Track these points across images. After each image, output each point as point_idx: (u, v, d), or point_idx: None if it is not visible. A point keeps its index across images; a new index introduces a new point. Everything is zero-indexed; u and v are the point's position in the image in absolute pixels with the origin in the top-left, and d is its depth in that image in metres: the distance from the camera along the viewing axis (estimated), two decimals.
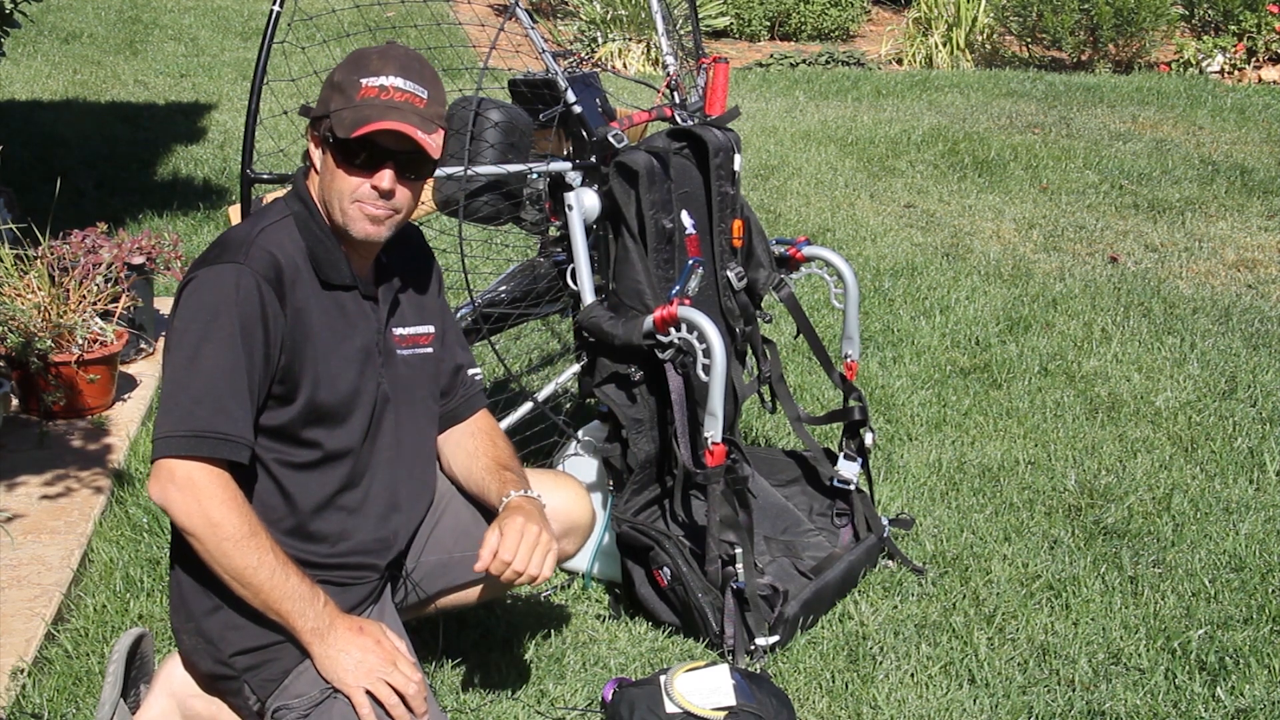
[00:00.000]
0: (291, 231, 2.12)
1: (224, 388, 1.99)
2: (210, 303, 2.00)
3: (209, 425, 1.97)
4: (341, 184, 2.09)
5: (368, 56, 2.09)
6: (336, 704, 2.08)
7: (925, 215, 6.21)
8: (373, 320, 2.20)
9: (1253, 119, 8.28)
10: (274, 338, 2.03)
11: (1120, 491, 3.48)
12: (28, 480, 3.28)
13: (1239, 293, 5.15)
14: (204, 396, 1.98)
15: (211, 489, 1.97)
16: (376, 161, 2.07)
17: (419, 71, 2.10)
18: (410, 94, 2.06)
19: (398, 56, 2.09)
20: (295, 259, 2.10)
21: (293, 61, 2.83)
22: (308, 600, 2.02)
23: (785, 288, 3.17)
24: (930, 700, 2.60)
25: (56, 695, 2.52)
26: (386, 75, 2.05)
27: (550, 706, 2.56)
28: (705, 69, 3.25)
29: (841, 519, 3.13)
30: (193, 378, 1.99)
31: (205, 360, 1.98)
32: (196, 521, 1.97)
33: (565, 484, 2.56)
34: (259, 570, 1.98)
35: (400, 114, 2.04)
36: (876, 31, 11.56)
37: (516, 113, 2.94)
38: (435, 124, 2.09)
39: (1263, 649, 2.77)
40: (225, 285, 2.00)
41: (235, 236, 2.10)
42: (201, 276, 2.03)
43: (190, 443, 1.97)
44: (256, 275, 2.01)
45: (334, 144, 2.06)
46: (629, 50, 9.93)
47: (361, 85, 2.05)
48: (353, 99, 2.04)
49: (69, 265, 3.70)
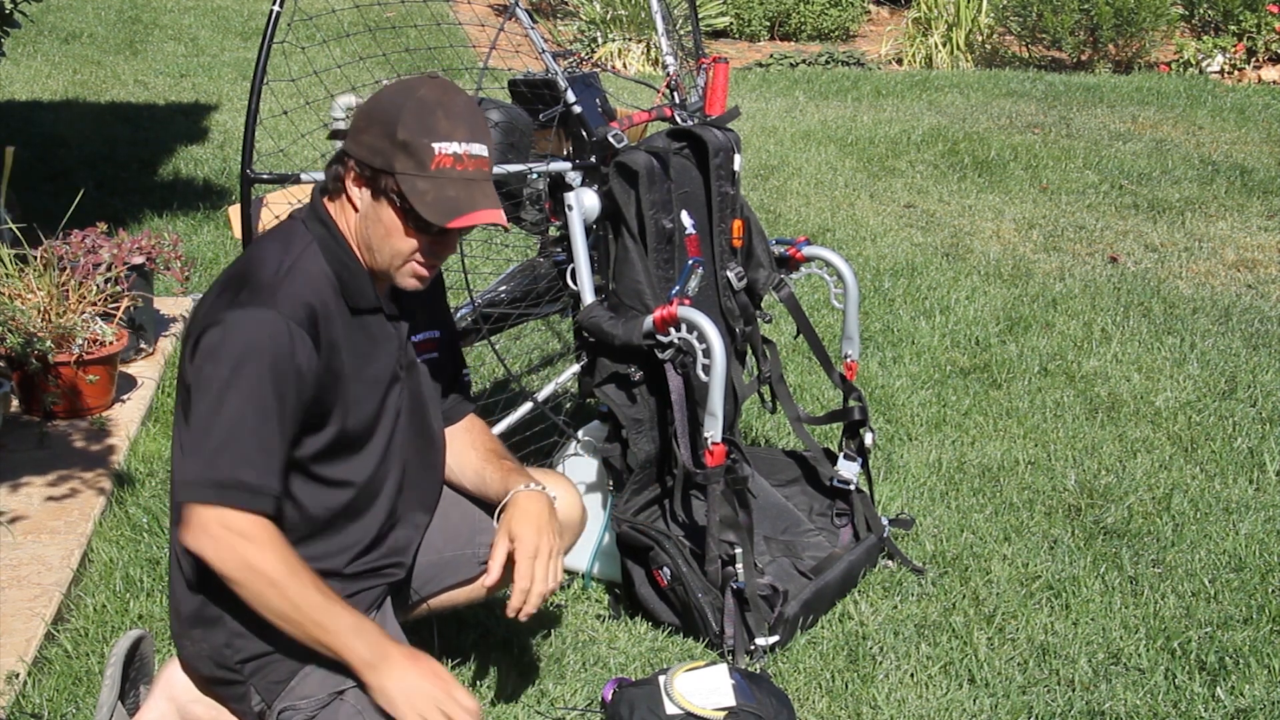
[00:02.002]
0: (319, 261, 2.06)
1: (250, 438, 1.95)
2: (238, 352, 1.94)
3: (233, 475, 1.94)
4: (400, 244, 2.05)
5: (433, 112, 2.00)
6: (343, 706, 2.08)
7: (925, 215, 6.21)
8: (395, 339, 2.19)
9: (1253, 119, 8.28)
10: (306, 382, 2.00)
11: (1120, 491, 3.48)
12: (28, 481, 3.28)
13: (1239, 293, 5.15)
14: (228, 445, 1.94)
15: (246, 534, 1.95)
16: (449, 235, 2.06)
17: (481, 125, 2.06)
18: (481, 159, 2.03)
19: (463, 113, 2.03)
20: (325, 292, 2.05)
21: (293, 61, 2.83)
22: (357, 633, 2.00)
23: (785, 288, 3.17)
24: (930, 700, 2.60)
25: (56, 695, 2.52)
26: (459, 141, 2.01)
27: (550, 706, 2.56)
28: (705, 69, 3.25)
29: (841, 519, 3.13)
30: (217, 425, 1.94)
31: (230, 408, 1.93)
32: (233, 567, 1.95)
33: (555, 482, 2.55)
34: (303, 609, 1.97)
35: (485, 197, 2.03)
36: (876, 31, 11.56)
37: (516, 113, 2.95)
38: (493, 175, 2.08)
39: (1263, 649, 2.77)
40: (254, 333, 1.95)
41: (262, 275, 2.01)
42: (229, 322, 1.96)
43: (215, 492, 1.94)
44: (289, 321, 1.96)
45: (405, 211, 2.01)
46: (629, 50, 9.93)
47: (435, 152, 1.99)
48: (426, 167, 1.99)
49: (69, 265, 3.70)
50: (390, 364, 2.17)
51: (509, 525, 2.21)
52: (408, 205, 2.00)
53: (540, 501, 2.25)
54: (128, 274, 3.84)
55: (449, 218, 2.00)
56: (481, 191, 2.03)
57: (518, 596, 2.17)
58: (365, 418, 2.13)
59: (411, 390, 2.24)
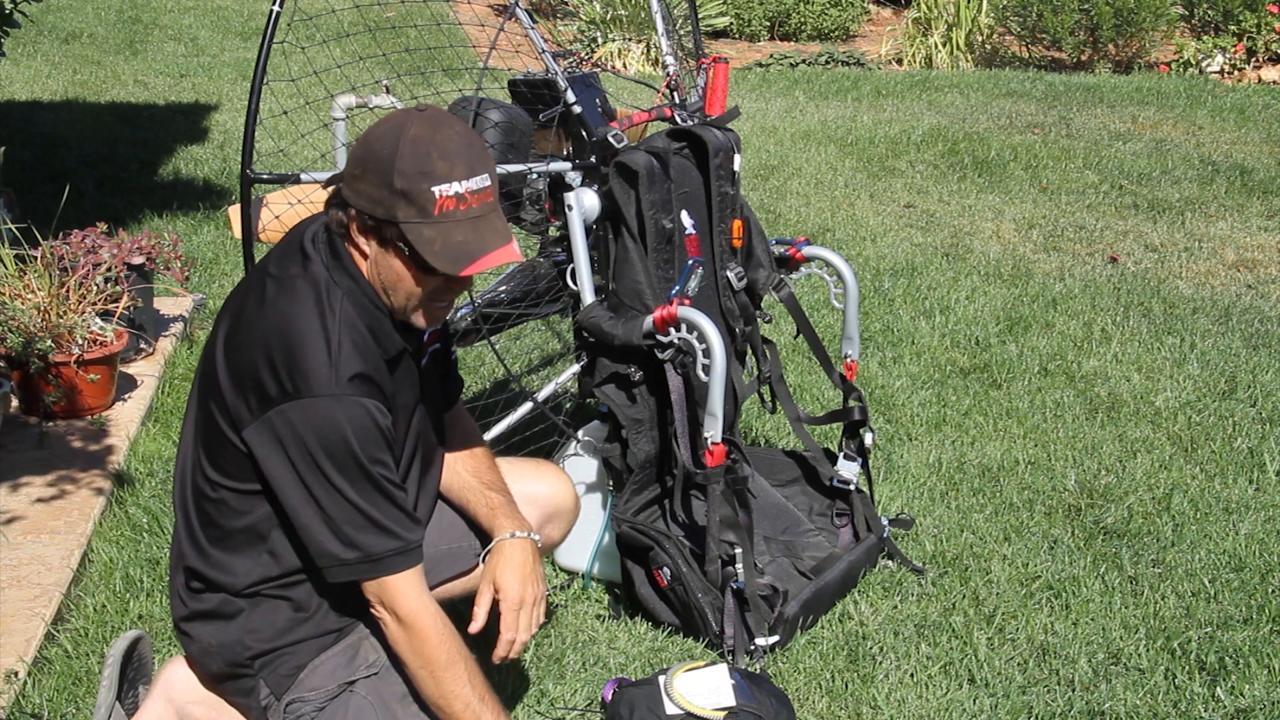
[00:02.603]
0: (355, 322, 2.02)
1: (377, 514, 1.98)
2: (325, 443, 1.94)
3: (383, 547, 1.99)
4: (413, 288, 2.01)
5: (427, 153, 1.93)
6: (353, 697, 2.10)
7: (925, 215, 6.21)
8: (415, 371, 2.18)
9: (1253, 119, 8.28)
10: (390, 439, 2.03)
11: (1120, 491, 3.48)
12: (28, 481, 3.28)
13: (1239, 293, 5.15)
14: (365, 526, 1.98)
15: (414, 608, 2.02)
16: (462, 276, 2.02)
17: (479, 154, 1.98)
18: (484, 192, 1.97)
19: (459, 148, 1.95)
20: (369, 355, 2.02)
21: (293, 61, 2.83)
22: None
23: (785, 288, 3.17)
24: (930, 700, 2.60)
25: (56, 695, 2.52)
26: (459, 180, 1.94)
27: (550, 706, 2.56)
28: (705, 69, 3.25)
29: (841, 519, 3.13)
30: (344, 515, 1.97)
31: (350, 496, 1.97)
32: (405, 645, 2.04)
33: (547, 471, 2.58)
34: (454, 703, 2.05)
35: (494, 232, 1.97)
36: (876, 31, 11.56)
37: (516, 113, 2.95)
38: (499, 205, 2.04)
39: (1263, 649, 2.77)
40: (333, 420, 1.94)
41: (315, 364, 1.95)
42: (295, 416, 1.94)
43: (372, 566, 2.00)
44: (358, 400, 1.96)
45: (414, 260, 1.97)
46: (629, 50, 9.93)
47: (436, 196, 1.92)
48: (429, 213, 1.93)
49: (69, 265, 3.70)
50: (414, 394, 2.18)
51: (493, 574, 2.23)
52: (416, 255, 1.95)
53: (525, 549, 2.26)
54: (128, 274, 3.84)
55: (460, 266, 1.95)
56: (490, 228, 1.98)
57: (503, 646, 2.21)
58: (400, 454, 2.15)
59: (425, 407, 2.25)
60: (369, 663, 2.15)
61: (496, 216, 2.00)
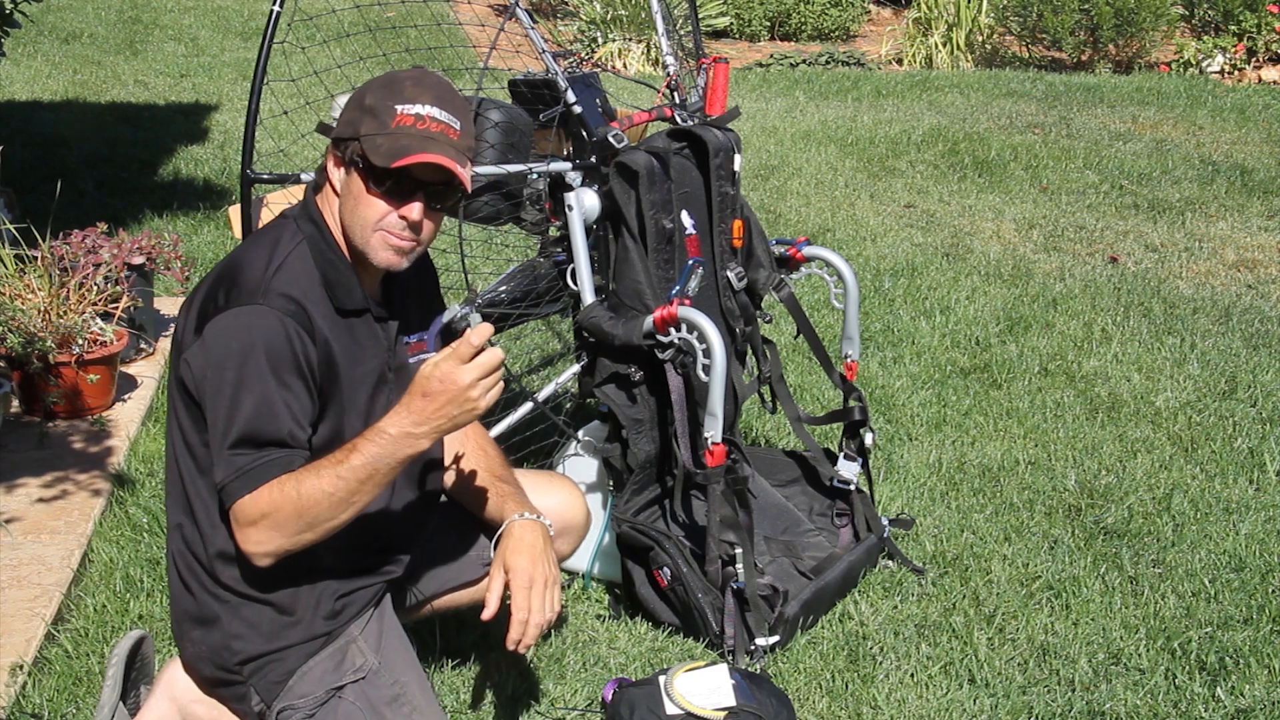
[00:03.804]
0: (305, 260, 2.06)
1: (265, 421, 1.96)
2: (237, 350, 1.95)
3: (255, 460, 1.95)
4: (367, 211, 2.03)
5: (401, 82, 2.03)
6: (341, 703, 2.09)
7: (925, 215, 6.21)
8: (382, 341, 2.17)
9: (1253, 119, 8.28)
10: (310, 367, 2.00)
11: (1120, 491, 3.48)
12: (28, 481, 3.28)
13: (1239, 293, 5.15)
14: (248, 436, 1.95)
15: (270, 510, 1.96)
16: (408, 191, 2.02)
17: (453, 102, 2.05)
18: (446, 125, 2.02)
19: (433, 85, 2.04)
20: (313, 292, 2.04)
21: (293, 61, 2.83)
22: (375, 443, 1.96)
23: (785, 288, 3.17)
24: (930, 700, 2.60)
25: (56, 695, 2.52)
26: (423, 104, 2.00)
27: (550, 706, 2.56)
28: (705, 69, 3.25)
29: (841, 519, 3.13)
30: (236, 420, 1.95)
31: (245, 404, 1.95)
32: (268, 538, 1.96)
33: (560, 484, 2.56)
34: (335, 495, 1.95)
35: (439, 146, 2.00)
36: (876, 31, 11.56)
37: (516, 113, 2.94)
38: (467, 156, 2.05)
39: (1263, 649, 2.77)
40: (250, 329, 1.95)
41: (250, 275, 2.01)
42: (223, 322, 1.96)
43: (242, 482, 1.95)
44: (281, 315, 1.97)
45: (365, 169, 2.01)
46: (629, 50, 9.93)
47: (397, 112, 1.99)
48: (387, 125, 1.99)
49: (69, 265, 3.70)
50: (378, 365, 2.16)
51: (504, 556, 2.18)
52: (367, 162, 2.00)
53: (535, 530, 2.22)
54: (128, 274, 3.84)
55: (394, 159, 1.97)
56: (435, 143, 1.99)
57: (516, 628, 2.14)
58: (356, 422, 2.12)
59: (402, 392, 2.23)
60: (356, 667, 2.14)
61: (449, 146, 2.01)
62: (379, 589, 2.26)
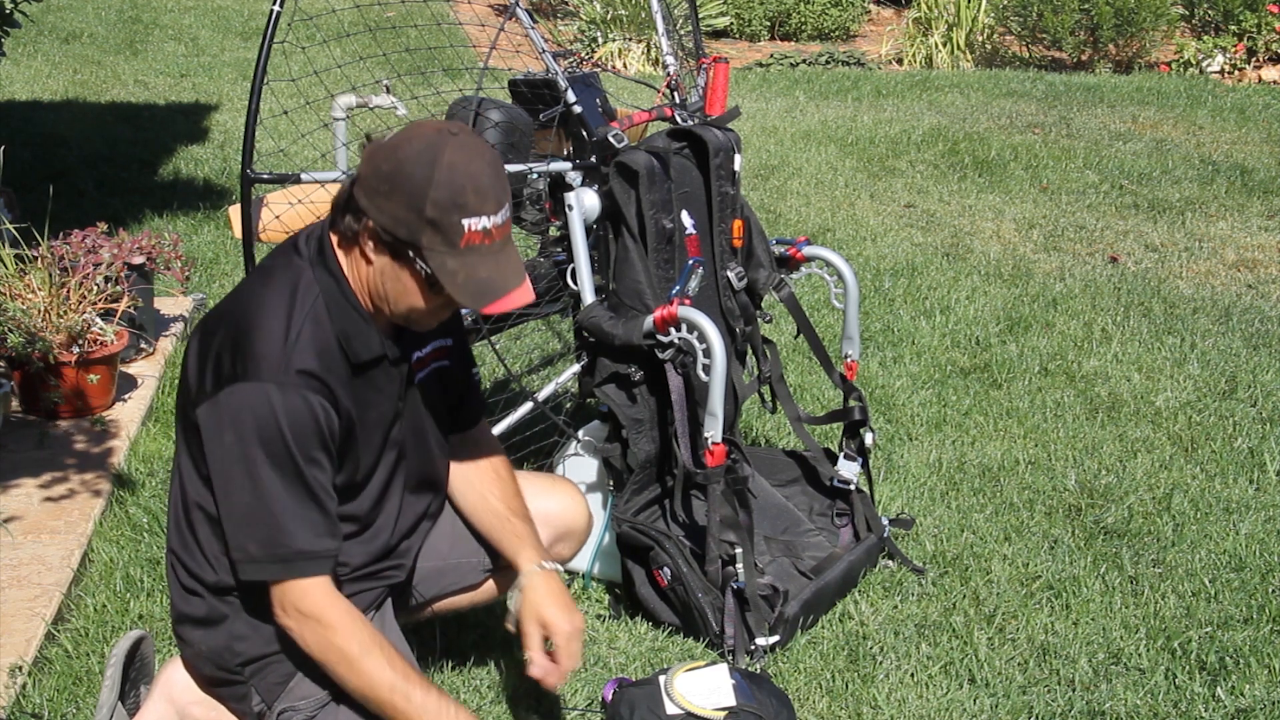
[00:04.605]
0: (323, 323, 2.00)
1: (295, 514, 1.95)
2: (256, 427, 1.91)
3: (293, 548, 1.95)
4: (414, 301, 2.00)
5: (463, 187, 1.91)
6: (341, 711, 2.09)
7: (925, 215, 6.21)
8: (397, 381, 2.14)
9: (1253, 119, 8.28)
10: (329, 440, 1.99)
11: (1120, 491, 3.48)
12: (28, 480, 3.28)
13: (1239, 293, 5.15)
14: (279, 520, 1.94)
15: (323, 617, 1.98)
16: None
17: (505, 186, 1.98)
18: (507, 224, 1.98)
19: (492, 181, 1.94)
20: (329, 358, 2.00)
21: (293, 61, 2.83)
22: (437, 715, 2.01)
23: (785, 288, 3.17)
24: (930, 700, 2.60)
25: (56, 695, 2.52)
26: (488, 215, 1.93)
27: (550, 706, 2.56)
28: (705, 69, 3.25)
29: (841, 519, 3.13)
30: (261, 503, 1.94)
31: (270, 484, 1.93)
32: (318, 650, 2.00)
33: (561, 488, 2.55)
34: (379, 690, 1.99)
35: (513, 267, 1.98)
36: (877, 31, 11.56)
37: (516, 113, 2.95)
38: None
39: (1263, 649, 2.77)
40: (269, 408, 1.92)
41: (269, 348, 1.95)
42: (238, 398, 1.92)
43: (282, 568, 1.96)
44: (302, 392, 1.94)
45: (431, 283, 1.96)
46: (629, 50, 9.93)
47: (465, 229, 1.92)
48: (456, 245, 1.92)
49: (69, 265, 3.70)
50: (391, 405, 2.15)
51: (537, 611, 2.21)
52: (435, 282, 1.95)
53: (557, 581, 2.26)
54: (128, 274, 3.84)
55: (483, 302, 1.95)
56: (510, 262, 1.98)
57: (559, 677, 2.21)
58: (369, 463, 2.13)
59: (412, 419, 2.21)
60: None
61: (513, 249, 2.01)
62: (380, 593, 2.26)
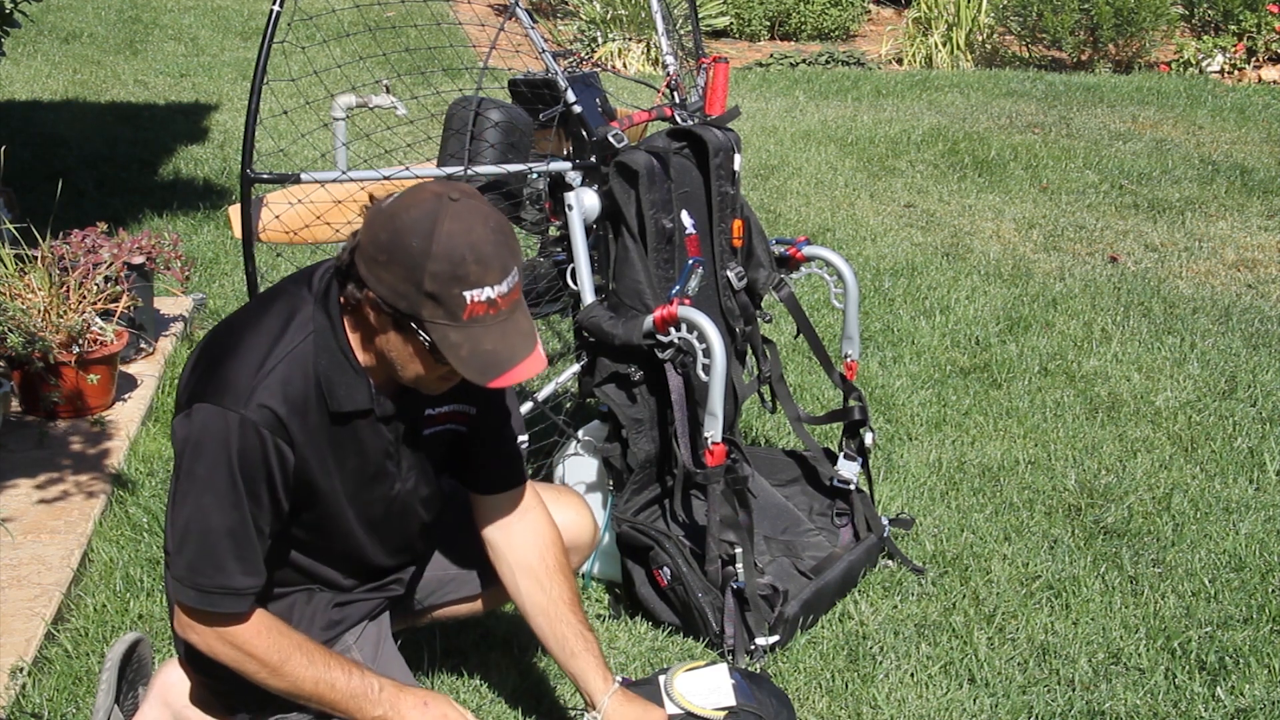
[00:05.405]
0: (305, 362, 1.94)
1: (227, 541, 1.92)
2: (211, 451, 1.89)
3: (215, 581, 1.92)
4: (421, 371, 1.94)
5: (463, 261, 1.81)
6: None
7: (925, 215, 6.21)
8: (385, 438, 2.07)
9: (1253, 119, 8.28)
10: (279, 482, 1.95)
11: (1120, 491, 3.48)
12: (28, 480, 3.28)
13: (1239, 293, 5.15)
14: (209, 550, 1.92)
15: (232, 634, 1.97)
16: None
17: (511, 251, 1.88)
18: (513, 292, 1.88)
19: (494, 250, 1.84)
20: (301, 401, 1.94)
21: (293, 61, 2.83)
22: (363, 695, 2.00)
23: (785, 288, 3.17)
24: (930, 700, 2.60)
25: (56, 695, 2.52)
26: (492, 285, 1.83)
27: (550, 706, 2.55)
28: (705, 69, 3.25)
29: (841, 519, 3.13)
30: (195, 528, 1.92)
31: (209, 512, 1.90)
32: (227, 659, 1.99)
33: (568, 500, 2.51)
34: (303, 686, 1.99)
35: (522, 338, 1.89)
36: (876, 31, 11.56)
37: (516, 113, 2.94)
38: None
39: (1263, 649, 2.77)
40: (225, 434, 1.88)
41: (239, 373, 1.91)
42: (199, 417, 1.90)
43: (200, 597, 1.93)
44: (258, 428, 1.89)
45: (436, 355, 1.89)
46: (629, 50, 9.93)
47: (466, 302, 1.83)
48: (459, 317, 1.83)
49: (69, 265, 3.70)
50: (377, 459, 2.08)
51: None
52: (438, 354, 1.87)
53: (629, 697, 2.25)
54: (128, 274, 3.84)
55: (488, 377, 1.87)
56: (518, 331, 1.89)
57: None
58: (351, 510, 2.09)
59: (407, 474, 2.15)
60: None
61: (522, 314, 1.92)
62: (378, 603, 2.26)
